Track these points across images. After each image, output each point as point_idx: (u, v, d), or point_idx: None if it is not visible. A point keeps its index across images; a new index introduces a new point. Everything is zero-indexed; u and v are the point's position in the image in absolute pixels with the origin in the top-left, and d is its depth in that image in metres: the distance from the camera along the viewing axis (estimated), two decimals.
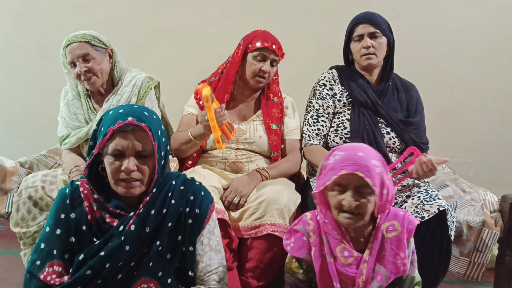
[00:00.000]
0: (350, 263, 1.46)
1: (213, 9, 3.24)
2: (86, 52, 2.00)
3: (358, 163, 1.35)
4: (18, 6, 3.28)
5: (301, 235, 1.54)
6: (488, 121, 3.23)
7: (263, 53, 2.08)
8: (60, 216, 1.40)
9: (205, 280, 1.47)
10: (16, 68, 3.34)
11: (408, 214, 1.51)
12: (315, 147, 2.13)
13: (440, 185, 2.32)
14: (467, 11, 3.16)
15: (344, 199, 1.39)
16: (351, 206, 1.38)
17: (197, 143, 2.00)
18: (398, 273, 1.45)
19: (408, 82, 2.27)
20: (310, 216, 1.57)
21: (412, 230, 1.48)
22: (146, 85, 2.14)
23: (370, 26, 2.08)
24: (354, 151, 1.40)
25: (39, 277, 1.36)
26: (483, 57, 3.18)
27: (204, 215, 1.47)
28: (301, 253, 1.53)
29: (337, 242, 1.48)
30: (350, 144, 1.50)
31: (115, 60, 2.12)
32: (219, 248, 1.52)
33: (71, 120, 2.14)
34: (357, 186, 1.38)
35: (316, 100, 2.19)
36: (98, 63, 2.03)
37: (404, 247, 1.46)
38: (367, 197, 1.38)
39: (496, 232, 1.99)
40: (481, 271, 2.02)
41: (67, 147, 2.14)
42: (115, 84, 2.14)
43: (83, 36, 2.01)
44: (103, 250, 1.35)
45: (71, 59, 2.01)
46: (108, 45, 2.09)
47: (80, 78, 2.03)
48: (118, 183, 1.36)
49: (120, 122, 1.33)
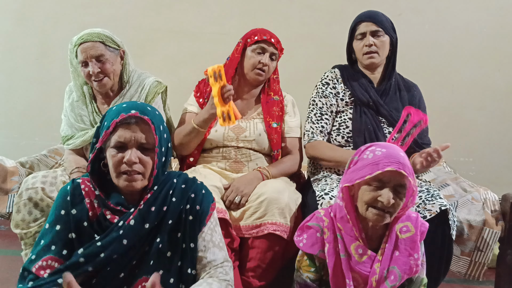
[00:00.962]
0: (364, 261, 1.47)
1: (213, 8, 3.24)
2: (100, 53, 1.95)
3: (402, 162, 1.37)
4: (19, 6, 3.28)
5: (315, 231, 1.54)
6: (488, 120, 3.23)
7: (262, 46, 2.09)
8: (60, 213, 1.39)
9: (212, 272, 1.44)
10: (17, 67, 3.34)
11: (419, 216, 1.54)
12: (319, 142, 2.12)
13: (441, 184, 2.32)
14: (468, 10, 3.17)
15: (381, 195, 1.39)
16: (389, 203, 1.38)
17: (200, 131, 2.00)
18: (411, 273, 1.47)
19: (410, 82, 2.26)
20: (323, 213, 1.57)
21: (424, 232, 1.51)
22: (153, 90, 2.10)
23: (373, 24, 2.08)
24: (394, 149, 1.41)
25: (32, 270, 1.35)
26: (483, 56, 3.19)
27: (205, 212, 1.46)
28: (314, 249, 1.53)
29: (351, 240, 1.48)
30: (385, 143, 1.51)
31: (126, 61, 2.09)
32: (222, 246, 1.51)
33: (76, 122, 2.10)
34: (396, 184, 1.39)
35: (319, 98, 2.18)
36: (111, 65, 1.99)
37: (418, 248, 1.48)
38: (401, 197, 1.40)
39: (497, 231, 2.00)
40: (482, 270, 2.02)
41: (71, 148, 2.11)
42: (123, 86, 2.11)
43: (98, 36, 1.97)
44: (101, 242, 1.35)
45: (84, 59, 1.95)
46: (121, 46, 2.06)
47: (91, 78, 1.98)
48: (120, 176, 1.36)
49: (124, 115, 1.34)
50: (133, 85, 2.11)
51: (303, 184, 2.20)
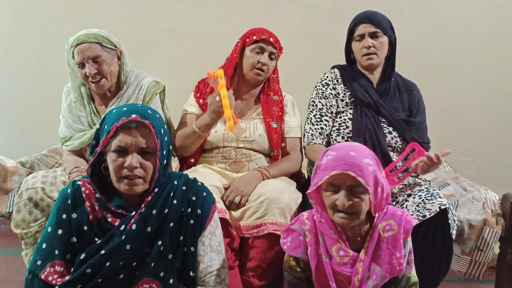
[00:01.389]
0: (346, 263, 1.47)
1: (214, 8, 3.24)
2: (97, 54, 1.93)
3: (349, 162, 1.36)
4: (19, 6, 3.28)
5: (298, 234, 1.55)
6: (489, 119, 3.23)
7: (261, 45, 2.08)
8: (61, 216, 1.40)
9: (206, 281, 1.47)
10: (17, 67, 3.34)
11: (406, 214, 1.51)
12: (318, 146, 2.11)
13: (441, 183, 2.32)
14: (468, 9, 3.17)
15: (337, 199, 1.39)
16: (344, 206, 1.38)
17: (201, 135, 1.99)
18: (393, 272, 1.45)
19: (410, 82, 2.26)
20: (306, 216, 1.58)
21: (409, 230, 1.48)
22: (151, 90, 2.09)
23: (371, 25, 2.07)
24: (346, 150, 1.40)
25: (40, 277, 1.36)
26: (484, 55, 3.18)
27: (206, 216, 1.47)
28: (297, 252, 1.54)
29: (333, 242, 1.48)
30: (344, 143, 1.51)
31: (123, 62, 2.07)
32: (220, 249, 1.52)
33: (74, 123, 2.09)
34: (350, 185, 1.38)
35: (319, 99, 2.18)
36: (108, 66, 1.97)
37: (400, 247, 1.46)
38: (360, 196, 1.39)
39: (497, 231, 1.99)
40: (483, 269, 2.02)
41: (69, 149, 2.10)
42: (121, 86, 2.10)
43: (94, 37, 1.95)
44: (104, 249, 1.35)
45: (80, 60, 1.94)
46: (118, 47, 2.04)
47: (88, 80, 1.97)
48: (121, 180, 1.36)
49: (124, 119, 1.33)
50: (131, 86, 2.09)
51: (303, 184, 2.20)
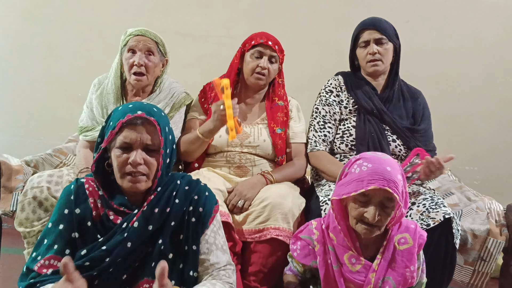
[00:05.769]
0: (358, 270, 1.47)
1: (221, 11, 3.25)
2: (151, 50, 2.05)
3: (387, 178, 1.35)
4: (26, 5, 3.30)
5: (307, 243, 1.56)
6: (494, 129, 3.22)
7: (259, 50, 2.09)
8: (64, 212, 1.39)
9: (215, 275, 1.44)
10: (23, 67, 3.36)
11: (418, 227, 1.53)
12: (321, 153, 2.11)
13: (445, 192, 2.31)
14: (476, 18, 3.16)
15: (367, 211, 1.39)
16: (374, 220, 1.38)
17: (205, 141, 2.00)
18: (405, 285, 1.47)
19: (414, 89, 2.25)
20: (315, 225, 1.57)
21: (422, 244, 1.50)
22: (181, 100, 2.18)
23: (376, 32, 2.07)
24: (382, 164, 1.39)
25: (33, 268, 1.35)
26: (490, 65, 3.17)
27: (208, 215, 1.46)
28: (307, 260, 1.55)
29: (344, 250, 1.48)
30: (375, 154, 1.47)
31: (165, 70, 2.17)
32: (226, 249, 1.50)
33: (99, 116, 2.12)
34: (382, 200, 1.38)
35: (322, 106, 2.17)
36: (154, 65, 2.07)
37: (415, 260, 1.48)
38: (389, 212, 1.39)
39: (501, 241, 1.98)
40: (485, 280, 2.00)
41: (88, 139, 2.13)
42: (154, 90, 2.16)
43: (155, 36, 2.08)
44: (105, 245, 1.35)
45: (134, 47, 2.03)
46: (167, 55, 2.14)
47: (131, 70, 2.03)
48: (124, 176, 1.36)
49: (130, 115, 1.34)
50: (163, 91, 2.17)
51: (307, 190, 2.20)
